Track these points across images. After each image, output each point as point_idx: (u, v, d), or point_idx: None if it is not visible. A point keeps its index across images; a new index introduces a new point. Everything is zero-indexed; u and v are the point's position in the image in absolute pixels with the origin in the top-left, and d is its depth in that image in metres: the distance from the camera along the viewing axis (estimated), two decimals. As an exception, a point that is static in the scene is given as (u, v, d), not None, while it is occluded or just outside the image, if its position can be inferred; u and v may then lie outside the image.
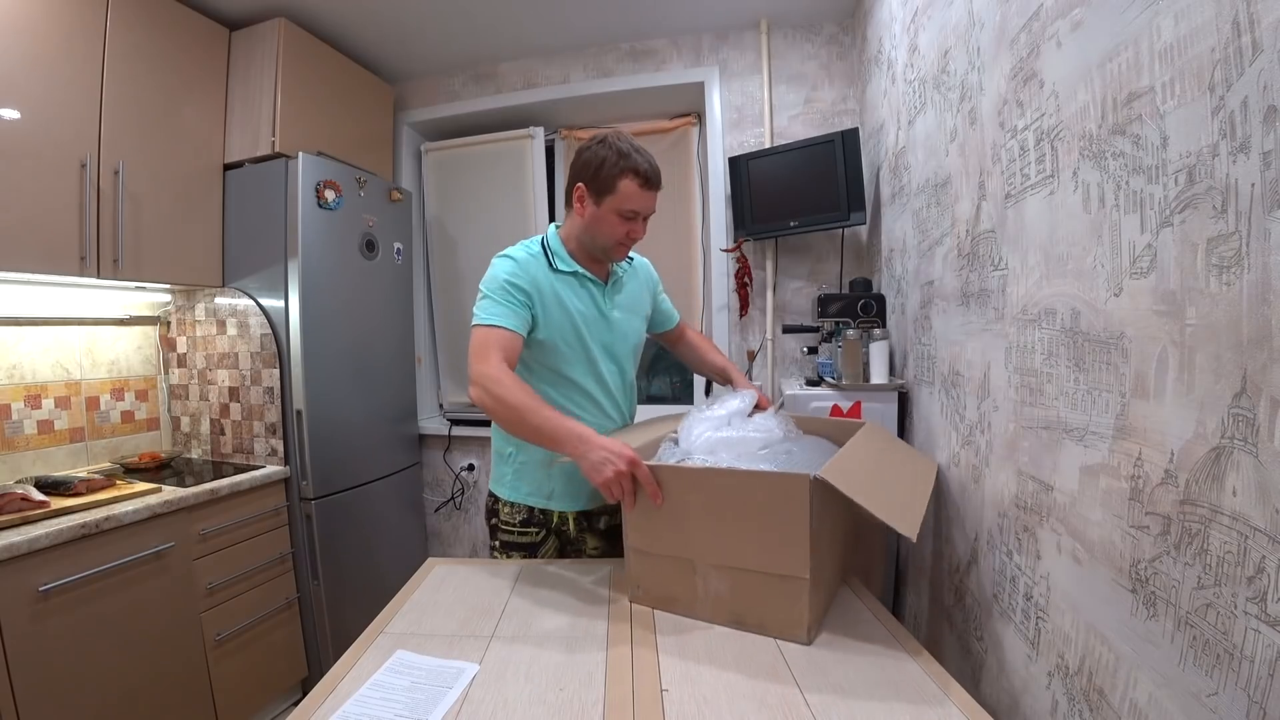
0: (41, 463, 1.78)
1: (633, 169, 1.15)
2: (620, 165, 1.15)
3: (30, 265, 1.55)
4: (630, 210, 1.17)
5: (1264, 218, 0.47)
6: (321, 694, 0.79)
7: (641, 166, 1.15)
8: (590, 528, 1.30)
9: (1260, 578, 0.48)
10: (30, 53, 1.52)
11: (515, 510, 1.29)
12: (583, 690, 0.80)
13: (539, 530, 1.28)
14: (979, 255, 1.06)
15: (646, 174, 1.16)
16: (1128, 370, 0.65)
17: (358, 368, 2.19)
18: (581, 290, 1.24)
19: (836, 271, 2.21)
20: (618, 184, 1.15)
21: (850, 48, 2.23)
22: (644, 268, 1.41)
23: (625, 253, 1.26)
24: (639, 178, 1.15)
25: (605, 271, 1.29)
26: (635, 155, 1.15)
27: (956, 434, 1.19)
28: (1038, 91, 0.83)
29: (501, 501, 1.31)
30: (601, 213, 1.18)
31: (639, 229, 1.21)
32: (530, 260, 1.22)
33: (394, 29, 2.27)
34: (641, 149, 1.17)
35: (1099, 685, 0.70)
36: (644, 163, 1.16)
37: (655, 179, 1.17)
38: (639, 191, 1.16)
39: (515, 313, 1.16)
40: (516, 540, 1.29)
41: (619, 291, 1.30)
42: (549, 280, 1.21)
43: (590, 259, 1.25)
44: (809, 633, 0.89)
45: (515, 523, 1.29)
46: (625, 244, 1.22)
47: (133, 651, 1.47)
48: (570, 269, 1.23)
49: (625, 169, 1.14)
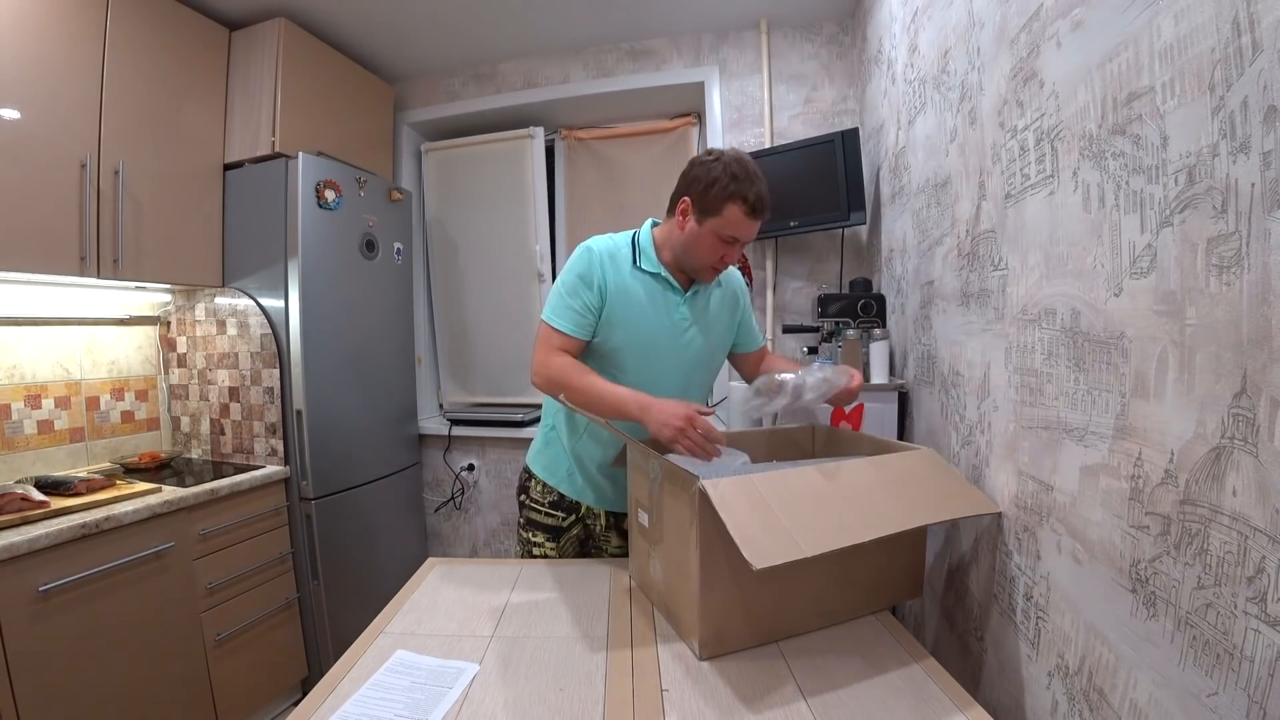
0: (41, 463, 1.78)
1: (741, 195, 1.11)
2: (730, 189, 1.12)
3: (30, 265, 1.55)
4: (731, 235, 1.15)
5: (1264, 218, 0.47)
6: (321, 694, 0.79)
7: (750, 194, 1.12)
8: (617, 526, 1.31)
9: (1260, 578, 0.48)
10: (30, 53, 1.52)
11: (548, 490, 1.30)
12: (583, 690, 0.80)
13: (567, 515, 1.30)
14: (979, 255, 1.06)
15: (754, 203, 1.12)
16: (1128, 370, 0.65)
17: (358, 368, 2.19)
18: (658, 292, 1.22)
19: (836, 271, 2.21)
20: (724, 207, 1.13)
21: (850, 48, 2.23)
22: (731, 282, 1.35)
23: (714, 276, 1.23)
24: (746, 205, 1.12)
25: (688, 281, 1.26)
26: (747, 181, 1.12)
27: (956, 434, 1.19)
28: (1038, 91, 0.83)
29: (535, 479, 1.32)
30: (702, 232, 1.16)
31: (734, 254, 1.18)
32: (610, 254, 1.21)
33: (394, 29, 2.27)
34: (757, 175, 1.14)
35: (1099, 685, 0.70)
36: (754, 190, 1.12)
37: (762, 207, 1.14)
38: (744, 219, 1.13)
39: (579, 317, 1.18)
40: (543, 520, 1.30)
41: (698, 304, 1.27)
42: (626, 277, 1.20)
43: (677, 269, 1.23)
44: (700, 646, 0.87)
45: (545, 503, 1.31)
46: (718, 267, 1.20)
47: (133, 651, 1.47)
48: (653, 270, 1.22)
49: (735, 194, 1.12)
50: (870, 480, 0.92)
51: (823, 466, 0.93)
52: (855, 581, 0.97)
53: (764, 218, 1.16)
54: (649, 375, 1.19)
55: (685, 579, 0.88)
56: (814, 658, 0.86)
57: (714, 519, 0.78)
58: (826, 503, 0.85)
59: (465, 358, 2.80)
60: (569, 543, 1.31)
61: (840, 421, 1.63)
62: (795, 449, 1.30)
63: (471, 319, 2.75)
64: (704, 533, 0.83)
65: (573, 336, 1.17)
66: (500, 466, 2.59)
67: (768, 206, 1.15)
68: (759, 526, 0.77)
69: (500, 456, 2.58)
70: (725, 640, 0.88)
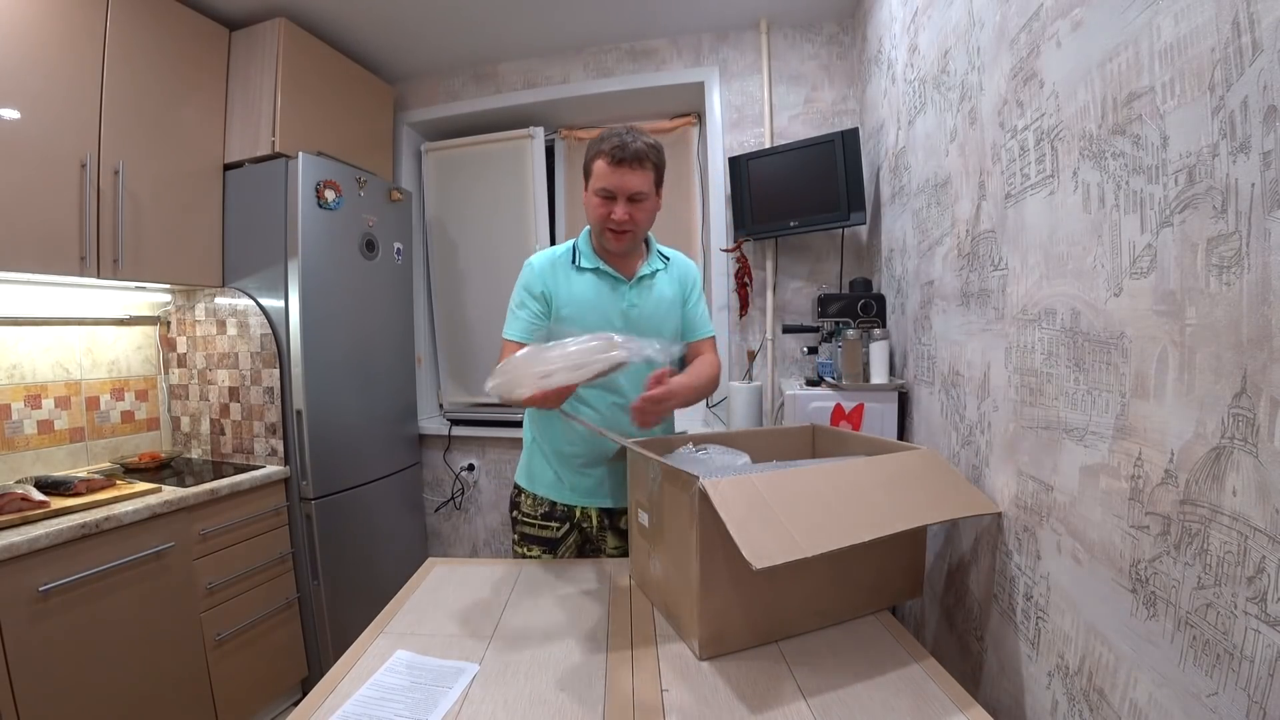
0: (41, 463, 1.78)
1: (600, 150, 1.17)
2: (594, 149, 1.19)
3: (30, 265, 1.55)
4: (603, 189, 1.18)
5: (1264, 218, 0.47)
6: (321, 694, 0.79)
7: (609, 145, 1.16)
8: (612, 525, 1.31)
9: (1260, 578, 0.48)
10: (30, 53, 1.52)
11: (538, 503, 1.31)
12: (583, 690, 0.80)
13: (560, 525, 1.29)
14: (979, 255, 1.06)
15: (613, 151, 1.15)
16: (1128, 370, 0.65)
17: (358, 368, 2.19)
18: (602, 285, 1.26)
19: (836, 271, 2.21)
20: (593, 167, 1.19)
21: (850, 48, 2.23)
22: (683, 269, 1.37)
23: (619, 240, 1.22)
24: (606, 155, 1.16)
25: (632, 269, 1.28)
26: (609, 138, 1.17)
27: (956, 434, 1.19)
28: (1038, 91, 0.83)
29: (524, 493, 1.33)
30: (587, 198, 1.22)
31: (619, 209, 1.18)
32: (550, 262, 1.27)
33: (394, 29, 2.27)
34: (623, 131, 1.18)
35: (1099, 685, 0.70)
36: (612, 142, 1.16)
37: (624, 155, 1.15)
38: (607, 169, 1.16)
39: (524, 321, 1.24)
40: (537, 534, 1.30)
41: (645, 289, 1.29)
42: (568, 279, 1.25)
43: (609, 253, 1.27)
44: (700, 646, 0.87)
45: (536, 516, 1.31)
46: (611, 226, 1.20)
47: (133, 651, 1.47)
48: (592, 265, 1.26)
49: (597, 151, 1.18)
50: (870, 480, 0.92)
51: (823, 466, 0.93)
52: (855, 581, 0.97)
53: (633, 165, 1.16)
54: None
55: (685, 579, 0.88)
56: (814, 658, 0.86)
57: (714, 519, 0.78)
58: (826, 503, 0.85)
59: (465, 358, 2.80)
60: (566, 553, 1.31)
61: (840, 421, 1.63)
62: (795, 449, 1.30)
63: (471, 319, 2.75)
64: (704, 533, 0.83)
65: (522, 341, 1.21)
66: (500, 466, 2.59)
67: (633, 154, 1.16)
68: (759, 526, 0.77)
69: (500, 456, 2.58)
70: (725, 640, 0.88)
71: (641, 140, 1.18)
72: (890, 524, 0.84)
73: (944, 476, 0.98)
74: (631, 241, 1.24)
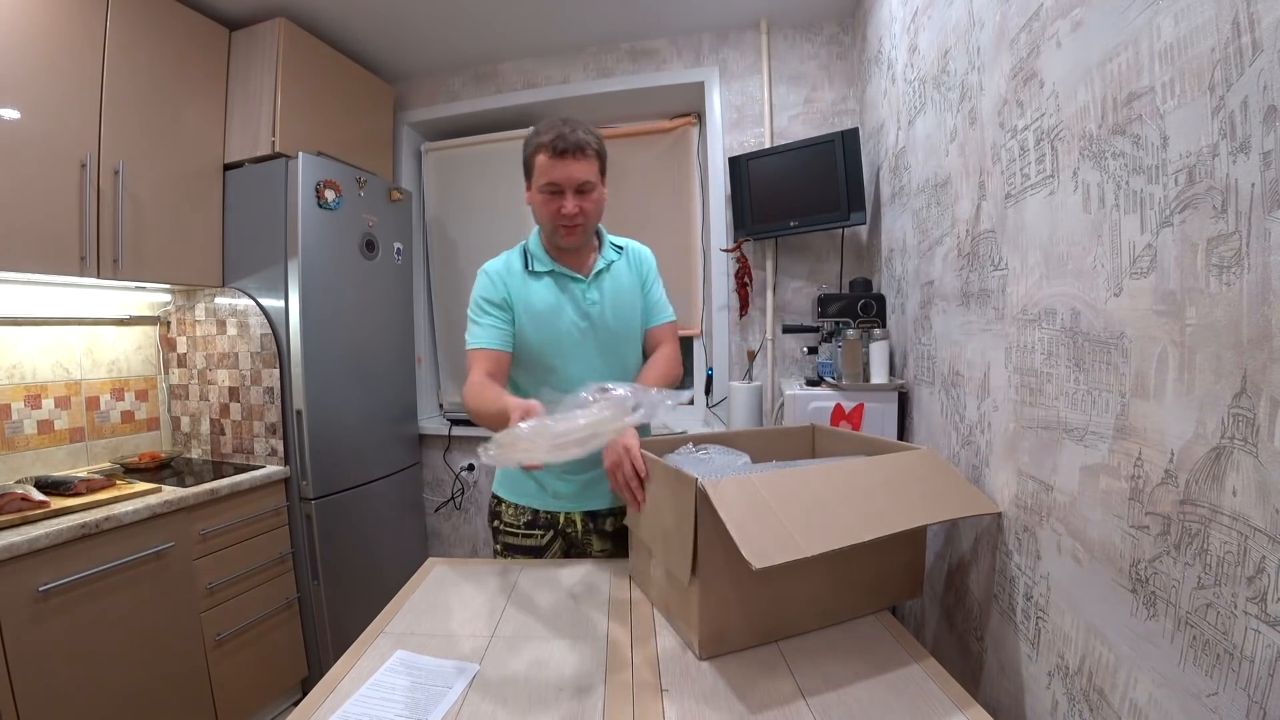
0: (41, 463, 1.78)
1: (540, 143, 1.12)
2: (532, 144, 1.14)
3: (30, 265, 1.55)
4: (548, 184, 1.13)
5: (1264, 218, 0.47)
6: (321, 694, 0.79)
7: (548, 138, 1.10)
8: (597, 529, 1.28)
9: (1260, 578, 0.48)
10: (30, 53, 1.52)
11: (520, 512, 1.27)
12: (583, 690, 0.80)
13: (544, 532, 1.27)
14: (979, 255, 1.06)
15: (554, 143, 1.10)
16: (1128, 370, 0.65)
17: (358, 368, 2.19)
18: (559, 287, 1.22)
19: (836, 271, 2.21)
20: (534, 163, 1.15)
21: (850, 48, 2.23)
22: (638, 255, 1.33)
23: (572, 235, 1.18)
24: (547, 149, 1.11)
25: (587, 265, 1.25)
26: (547, 130, 1.12)
27: (956, 434, 1.19)
28: (1038, 91, 0.83)
29: (505, 503, 1.29)
30: (533, 196, 1.18)
31: (568, 203, 1.14)
32: (504, 270, 1.22)
33: (394, 29, 2.27)
34: (561, 122, 1.12)
35: (1099, 685, 0.70)
36: (551, 134, 1.11)
37: (565, 145, 1.10)
38: (549, 162, 1.12)
39: (489, 329, 1.19)
40: (521, 543, 1.27)
41: (604, 283, 1.25)
42: (525, 286, 1.21)
43: (561, 252, 1.23)
44: (700, 646, 0.86)
45: (519, 525, 1.27)
46: (563, 223, 1.16)
47: (133, 651, 1.48)
48: (546, 268, 1.22)
49: (537, 146, 1.13)
50: (870, 480, 0.92)
51: (822, 466, 0.93)
52: (855, 581, 0.97)
53: (574, 156, 1.11)
54: (580, 364, 1.21)
55: (685, 578, 0.88)
56: (814, 657, 0.86)
57: (713, 519, 0.78)
58: (826, 503, 0.85)
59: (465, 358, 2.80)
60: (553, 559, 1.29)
61: (840, 421, 1.63)
62: (795, 449, 1.30)
63: (471, 319, 2.75)
64: (703, 532, 0.83)
65: (492, 349, 1.18)
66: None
67: (575, 144, 1.11)
68: (758, 526, 0.77)
69: (500, 456, 2.58)
70: (725, 640, 0.88)
71: (581, 129, 1.13)
72: (890, 524, 0.84)
73: (944, 476, 0.97)
74: (584, 235, 1.20)
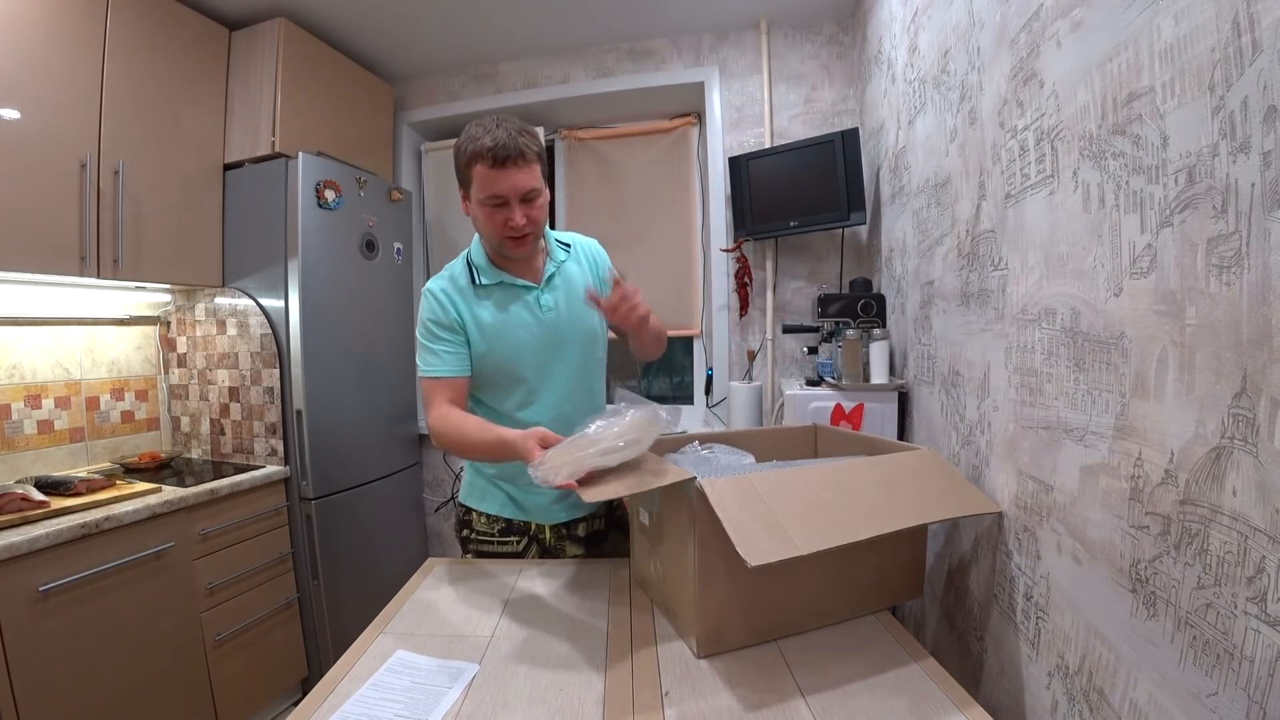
0: (41, 463, 1.78)
1: (476, 153, 1.02)
2: (467, 152, 1.04)
3: (30, 265, 1.55)
4: (491, 196, 1.04)
5: (1264, 218, 0.47)
6: (321, 694, 0.79)
7: (484, 147, 1.01)
8: (570, 535, 1.26)
9: (1260, 578, 0.48)
10: (30, 53, 1.52)
11: (493, 521, 1.25)
12: (583, 690, 0.80)
13: (520, 538, 1.24)
14: (979, 255, 1.06)
15: (492, 150, 1.00)
16: (1128, 370, 0.65)
17: (358, 368, 2.19)
18: (511, 297, 1.16)
19: (836, 271, 2.21)
20: (471, 175, 1.05)
21: (850, 48, 2.23)
22: (586, 250, 1.27)
23: (521, 245, 1.11)
24: (485, 159, 1.01)
25: (536, 270, 1.19)
26: (480, 137, 1.02)
27: (956, 434, 1.19)
28: (1038, 91, 0.83)
29: (475, 512, 1.26)
30: (474, 210, 1.09)
31: (516, 215, 1.05)
32: (451, 289, 1.15)
33: (394, 29, 2.27)
34: (492, 126, 1.03)
35: (1099, 685, 0.70)
36: (486, 141, 1.01)
37: (505, 153, 1.01)
38: (490, 173, 1.02)
39: (445, 355, 1.13)
40: (497, 550, 1.24)
41: (557, 286, 1.19)
42: (474, 304, 1.14)
43: (509, 261, 1.16)
44: (699, 644, 0.86)
45: (494, 533, 1.24)
46: (512, 235, 1.08)
47: (133, 651, 1.48)
48: (494, 280, 1.15)
49: (472, 155, 1.03)
50: (870, 480, 0.92)
51: (821, 466, 0.93)
52: (855, 581, 0.97)
53: (516, 163, 1.02)
54: (549, 373, 1.17)
55: (684, 576, 0.88)
56: (814, 657, 0.86)
57: (712, 517, 0.78)
58: (825, 502, 0.85)
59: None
60: None
61: (840, 421, 1.63)
62: (798, 449, 1.30)
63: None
64: (702, 531, 0.83)
65: (450, 377, 1.12)
66: (500, 466, 2.59)
67: (515, 150, 1.02)
68: (755, 524, 0.77)
69: (500, 456, 2.58)
70: (724, 638, 0.88)
71: (517, 131, 1.03)
72: (889, 523, 0.84)
73: (944, 476, 0.97)
74: (534, 243, 1.14)
